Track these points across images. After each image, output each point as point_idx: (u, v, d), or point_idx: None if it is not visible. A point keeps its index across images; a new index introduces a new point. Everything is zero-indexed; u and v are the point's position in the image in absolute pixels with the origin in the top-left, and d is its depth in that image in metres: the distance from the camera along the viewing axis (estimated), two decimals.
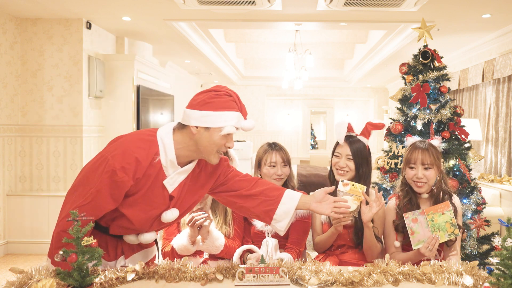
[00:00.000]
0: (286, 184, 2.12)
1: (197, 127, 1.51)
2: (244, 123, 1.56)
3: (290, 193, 1.69)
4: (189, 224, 1.81)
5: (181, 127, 1.56)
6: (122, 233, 1.60)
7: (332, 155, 2.09)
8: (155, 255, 1.82)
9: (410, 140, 2.11)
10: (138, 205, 1.52)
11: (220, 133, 1.50)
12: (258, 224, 2.04)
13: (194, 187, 1.64)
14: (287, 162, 2.09)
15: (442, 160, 2.71)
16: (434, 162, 1.92)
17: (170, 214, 1.57)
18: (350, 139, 2.01)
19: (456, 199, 2.00)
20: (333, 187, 1.77)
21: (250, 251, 1.95)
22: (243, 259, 1.94)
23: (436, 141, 2.07)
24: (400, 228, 1.95)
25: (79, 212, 1.39)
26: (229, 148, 1.58)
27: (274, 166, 2.06)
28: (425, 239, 1.80)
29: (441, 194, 1.95)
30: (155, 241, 1.80)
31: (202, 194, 1.69)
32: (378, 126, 2.08)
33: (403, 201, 1.98)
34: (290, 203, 1.66)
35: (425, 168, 1.93)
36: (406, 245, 1.95)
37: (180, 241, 1.88)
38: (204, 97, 1.52)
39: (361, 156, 1.98)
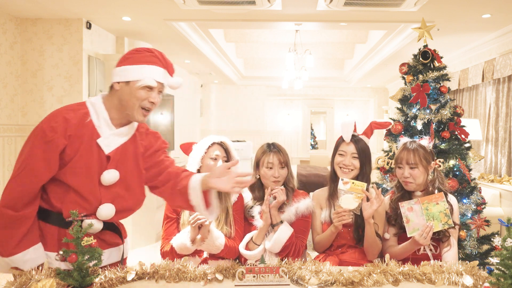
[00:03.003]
0: (285, 186, 2.11)
1: (118, 82, 1.57)
2: (171, 80, 1.62)
3: (194, 178, 1.64)
4: (191, 223, 1.82)
5: (109, 90, 1.62)
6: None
7: (334, 154, 2.11)
8: (125, 258, 1.72)
9: (402, 140, 2.17)
10: (78, 171, 1.50)
11: (137, 84, 1.54)
12: (258, 225, 2.04)
13: (136, 155, 1.63)
14: (284, 164, 2.08)
15: (442, 160, 2.73)
16: (419, 162, 1.99)
17: (108, 175, 1.54)
18: (354, 138, 2.08)
19: (451, 198, 2.05)
20: (236, 161, 1.73)
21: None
22: (249, 246, 1.99)
23: (425, 142, 2.11)
24: (392, 221, 2.04)
25: (17, 182, 1.47)
26: (153, 103, 1.57)
27: (271, 168, 2.06)
28: (420, 227, 1.85)
29: (436, 192, 2.00)
30: (121, 239, 1.69)
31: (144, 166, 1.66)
32: (384, 125, 2.13)
33: (397, 195, 2.08)
34: (195, 187, 1.61)
35: (411, 168, 2.00)
36: (401, 239, 2.01)
37: (180, 239, 1.88)
38: (126, 54, 1.60)
39: (365, 155, 2.06)
